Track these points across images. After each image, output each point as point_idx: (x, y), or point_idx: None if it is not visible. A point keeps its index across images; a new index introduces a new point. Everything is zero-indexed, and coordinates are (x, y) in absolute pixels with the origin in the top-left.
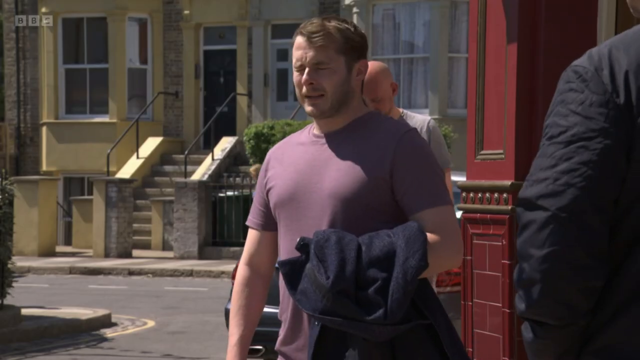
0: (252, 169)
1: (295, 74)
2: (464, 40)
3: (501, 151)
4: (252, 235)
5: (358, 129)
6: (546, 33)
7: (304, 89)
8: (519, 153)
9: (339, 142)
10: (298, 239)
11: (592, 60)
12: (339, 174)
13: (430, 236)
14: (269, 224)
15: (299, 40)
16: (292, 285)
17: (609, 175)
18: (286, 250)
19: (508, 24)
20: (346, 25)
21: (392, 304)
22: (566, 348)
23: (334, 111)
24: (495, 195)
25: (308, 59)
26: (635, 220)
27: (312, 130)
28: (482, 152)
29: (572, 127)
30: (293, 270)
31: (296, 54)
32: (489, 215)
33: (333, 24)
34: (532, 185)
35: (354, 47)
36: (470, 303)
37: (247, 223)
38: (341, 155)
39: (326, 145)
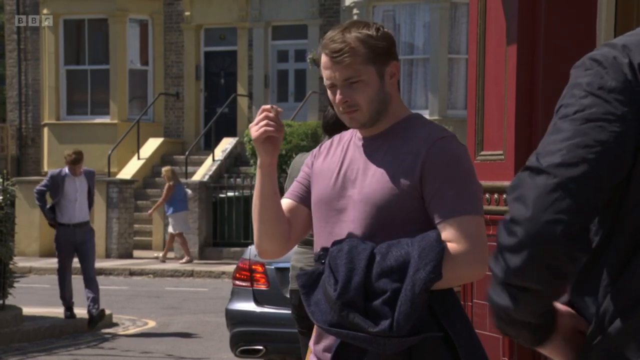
0: (164, 169)
1: (329, 93)
2: (463, 41)
3: (501, 152)
4: (286, 203)
5: (395, 134)
6: (546, 34)
7: (340, 108)
8: (518, 154)
9: (376, 148)
10: (319, 249)
11: (611, 50)
12: (373, 180)
13: (450, 246)
14: (307, 200)
15: (324, 59)
16: (307, 296)
17: (619, 160)
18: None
19: (508, 25)
20: (367, 32)
21: (398, 316)
22: (539, 315)
23: (374, 121)
24: (495, 196)
25: (337, 78)
26: (638, 221)
27: (357, 131)
28: (482, 153)
29: (590, 106)
30: (309, 281)
31: (325, 74)
32: (488, 216)
33: (354, 34)
34: (544, 155)
35: (380, 53)
36: (470, 303)
37: (285, 197)
38: (376, 161)
39: (365, 149)
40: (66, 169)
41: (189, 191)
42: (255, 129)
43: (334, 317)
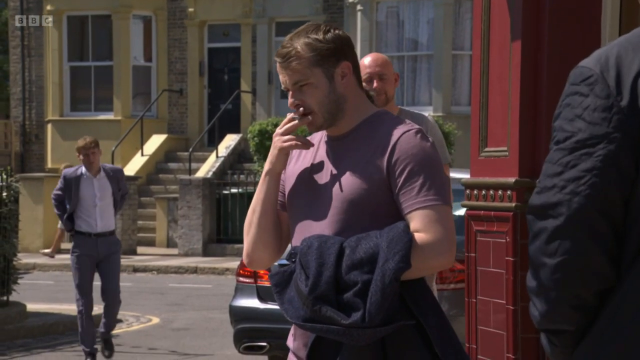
0: (62, 166)
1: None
2: (467, 38)
3: (505, 148)
4: None
5: (362, 131)
6: (550, 30)
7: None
8: (522, 150)
9: (345, 145)
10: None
11: (599, 62)
12: (343, 177)
13: (418, 236)
14: (284, 205)
15: (277, 65)
16: (281, 294)
17: (614, 180)
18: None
19: (512, 21)
20: (314, 36)
21: (370, 306)
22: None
23: (331, 122)
24: (499, 192)
25: (288, 82)
26: None
27: (326, 132)
28: (486, 149)
29: (576, 132)
30: (282, 280)
31: (280, 79)
32: (492, 213)
33: (302, 40)
34: (541, 192)
35: (326, 55)
36: (474, 300)
37: None
38: (345, 158)
39: (333, 149)
40: (82, 168)
41: None
42: (283, 139)
43: (307, 312)
